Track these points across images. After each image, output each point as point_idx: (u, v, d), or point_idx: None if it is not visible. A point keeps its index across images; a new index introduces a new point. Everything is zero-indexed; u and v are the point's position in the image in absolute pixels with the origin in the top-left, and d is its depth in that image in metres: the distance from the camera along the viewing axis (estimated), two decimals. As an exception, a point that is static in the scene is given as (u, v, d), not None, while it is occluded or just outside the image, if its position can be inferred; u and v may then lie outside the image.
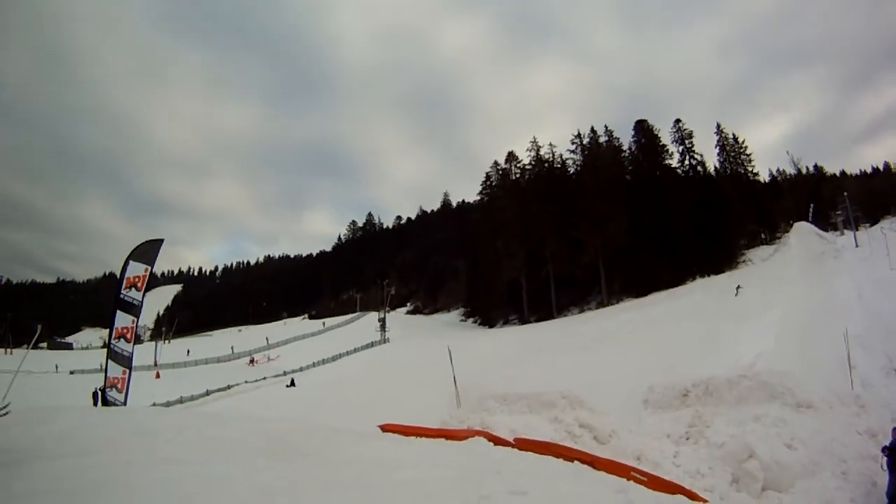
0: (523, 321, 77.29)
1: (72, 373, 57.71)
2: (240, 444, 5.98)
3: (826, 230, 75.26)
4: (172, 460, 5.04)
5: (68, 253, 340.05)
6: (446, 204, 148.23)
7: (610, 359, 31.75)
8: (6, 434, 5.40)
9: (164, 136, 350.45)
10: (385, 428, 9.30)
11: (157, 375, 57.17)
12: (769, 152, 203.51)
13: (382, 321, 77.84)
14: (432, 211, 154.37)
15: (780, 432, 10.11)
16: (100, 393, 28.86)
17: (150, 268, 14.85)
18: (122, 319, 14.58)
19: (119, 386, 15.34)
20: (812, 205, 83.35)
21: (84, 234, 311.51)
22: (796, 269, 49.52)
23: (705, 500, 5.95)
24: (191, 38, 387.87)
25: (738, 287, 46.08)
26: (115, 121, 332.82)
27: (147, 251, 14.95)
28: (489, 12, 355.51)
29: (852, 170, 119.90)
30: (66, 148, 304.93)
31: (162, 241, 15.37)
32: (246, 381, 49.57)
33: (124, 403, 15.21)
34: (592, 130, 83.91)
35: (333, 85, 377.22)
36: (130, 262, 14.64)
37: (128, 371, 15.06)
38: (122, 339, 15.00)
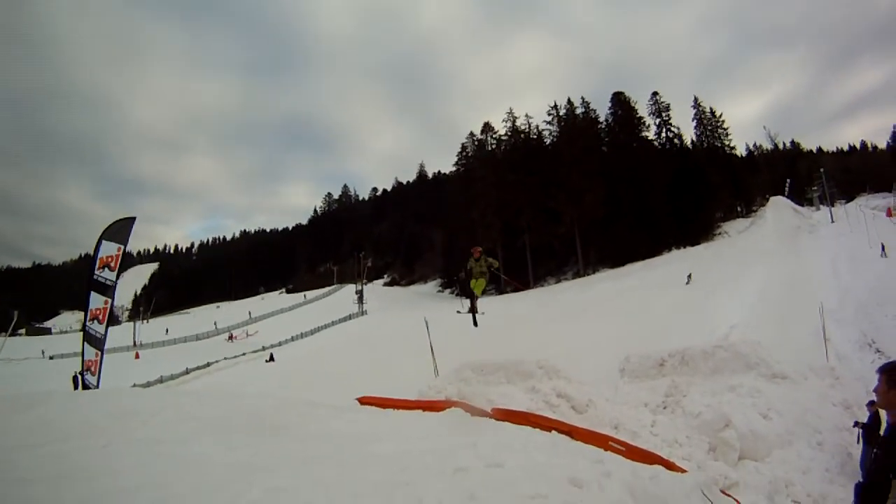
0: (500, 291, 77.71)
1: (51, 358, 57.26)
2: (217, 421, 5.97)
3: (802, 205, 76.19)
4: (150, 441, 5.00)
5: (44, 236, 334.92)
6: (422, 175, 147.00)
7: (587, 328, 32.12)
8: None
9: (139, 116, 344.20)
10: (362, 400, 9.21)
11: (137, 356, 57.23)
12: (746, 127, 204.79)
13: (360, 293, 78.05)
14: (408, 182, 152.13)
15: (756, 402, 10.19)
16: (80, 377, 28.69)
17: (122, 247, 14.37)
18: (96, 301, 14.15)
19: (93, 369, 15.09)
20: (788, 180, 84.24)
21: (60, 216, 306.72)
22: (772, 242, 50.19)
23: (683, 470, 5.92)
24: (165, 13, 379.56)
25: (689, 276, 45.00)
26: (89, 101, 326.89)
27: (119, 230, 14.46)
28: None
29: (829, 147, 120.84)
30: (39, 130, 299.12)
31: (134, 218, 14.91)
32: (225, 358, 49.56)
33: (97, 386, 14.96)
34: (569, 102, 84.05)
35: (310, 58, 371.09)
36: (103, 241, 14.16)
37: (100, 353, 14.77)
38: (95, 321, 14.67)
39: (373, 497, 3.67)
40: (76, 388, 23.57)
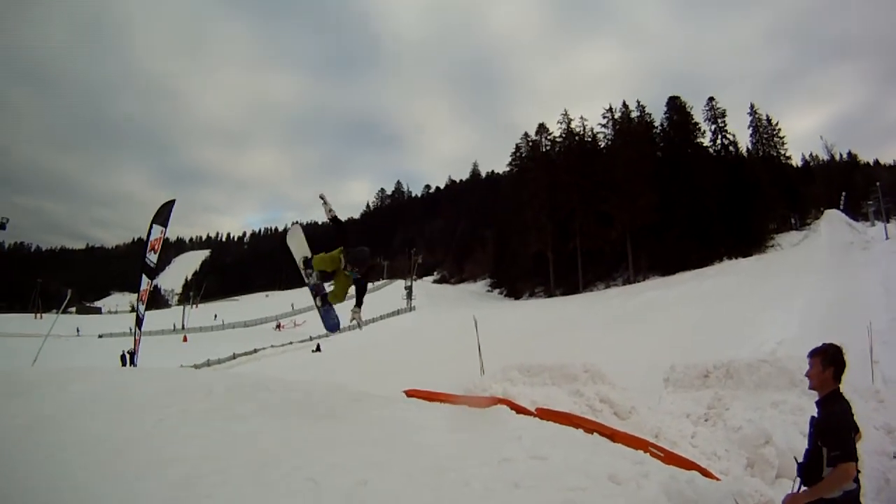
0: (549, 294, 77.37)
1: (100, 336, 58.83)
2: (269, 403, 6.22)
3: (857, 220, 73.89)
4: (204, 417, 5.28)
5: (99, 220, 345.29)
6: (476, 174, 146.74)
7: (634, 335, 31.84)
8: (39, 392, 5.63)
9: (204, 106, 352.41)
10: (409, 393, 9.40)
11: (185, 339, 58.41)
12: (803, 137, 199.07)
13: (409, 289, 78.17)
14: (462, 181, 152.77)
15: (798, 421, 10.13)
16: (128, 356, 29.77)
17: (164, 229, 15.03)
18: (144, 283, 14.80)
19: (136, 348, 15.63)
20: (844, 193, 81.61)
21: (118, 201, 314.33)
22: (824, 257, 48.85)
23: (719, 479, 6.12)
24: (235, 5, 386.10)
25: None
26: (155, 90, 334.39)
27: (162, 213, 15.09)
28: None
29: (887, 160, 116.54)
30: (104, 117, 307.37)
31: (174, 201, 15.46)
32: (272, 346, 50.29)
33: (134, 364, 15.50)
34: (624, 105, 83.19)
35: (382, 57, 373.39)
36: (153, 225, 14.81)
37: (139, 332, 15.28)
38: (140, 302, 15.26)
39: (423, 478, 3.94)
40: (123, 365, 24.45)
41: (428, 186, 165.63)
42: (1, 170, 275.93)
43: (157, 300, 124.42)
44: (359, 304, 7.69)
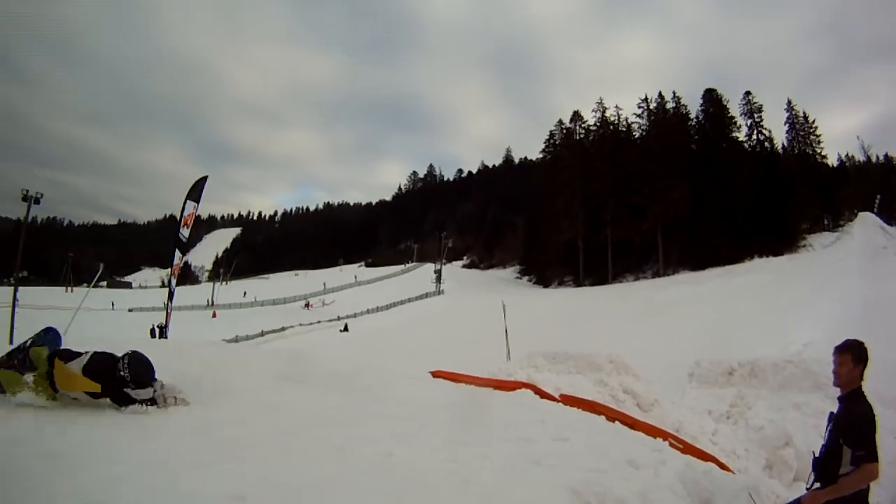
0: (578, 284, 77.06)
1: (130, 310, 59.81)
2: (298, 376, 6.46)
3: (891, 223, 72.38)
4: (234, 387, 5.53)
5: (131, 196, 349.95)
6: (508, 160, 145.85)
7: (660, 329, 31.75)
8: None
9: (240, 84, 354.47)
10: (435, 374, 9.54)
11: (214, 315, 59.10)
12: (839, 137, 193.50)
13: (438, 273, 78.10)
14: (494, 166, 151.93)
15: (819, 424, 10.11)
16: (157, 329, 30.39)
17: (197, 205, 15.47)
18: (176, 257, 15.23)
19: (167, 321, 15.98)
20: (879, 196, 79.57)
21: (150, 177, 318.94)
22: (856, 261, 47.97)
23: (734, 472, 6.25)
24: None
25: None
26: (188, 67, 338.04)
27: (196, 189, 15.50)
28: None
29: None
30: (137, 94, 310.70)
31: (206, 177, 15.90)
32: (300, 324, 50.73)
33: (165, 337, 15.80)
34: (660, 96, 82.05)
35: (420, 40, 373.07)
36: (187, 201, 15.23)
37: (170, 306, 15.61)
38: (171, 276, 15.62)
39: (445, 451, 4.10)
40: (153, 338, 25.04)
41: (460, 171, 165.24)
42: (34, 145, 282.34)
43: (187, 276, 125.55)
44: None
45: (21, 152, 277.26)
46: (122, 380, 4.47)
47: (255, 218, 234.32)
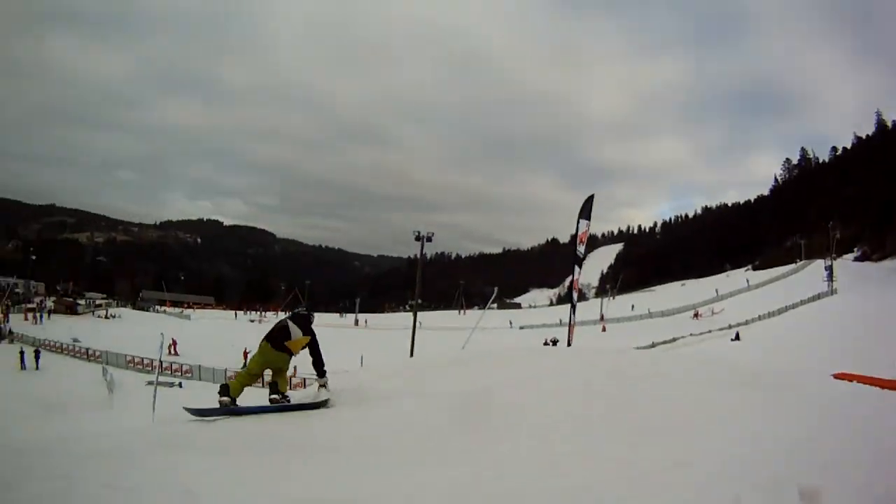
0: None
1: (521, 328, 64.23)
2: (711, 375, 6.64)
3: None
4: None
5: (513, 226, 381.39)
6: (881, 125, 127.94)
7: None
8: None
9: (593, 107, 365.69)
10: (838, 376, 8.97)
11: (604, 329, 61.11)
12: None
13: (829, 270, 69.46)
14: (867, 136, 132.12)
15: None
16: (550, 342, 33.54)
17: (588, 222, 16.42)
18: (576, 272, 16.39)
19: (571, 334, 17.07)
20: None
21: (529, 207, 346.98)
22: None
23: None
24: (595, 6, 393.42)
25: None
26: (547, 102, 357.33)
27: (586, 207, 16.48)
28: None
29: None
30: (505, 134, 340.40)
31: (593, 196, 16.89)
32: (690, 334, 50.04)
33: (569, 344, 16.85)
34: None
35: (755, 17, 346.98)
36: (580, 220, 16.23)
37: (574, 319, 16.66)
38: (573, 290, 16.91)
39: (853, 443, 3.80)
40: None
41: (834, 148, 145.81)
42: (418, 195, 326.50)
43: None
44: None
45: (409, 203, 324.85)
46: (307, 317, 7.51)
47: (635, 232, 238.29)
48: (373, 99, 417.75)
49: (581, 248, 16.34)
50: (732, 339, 45.09)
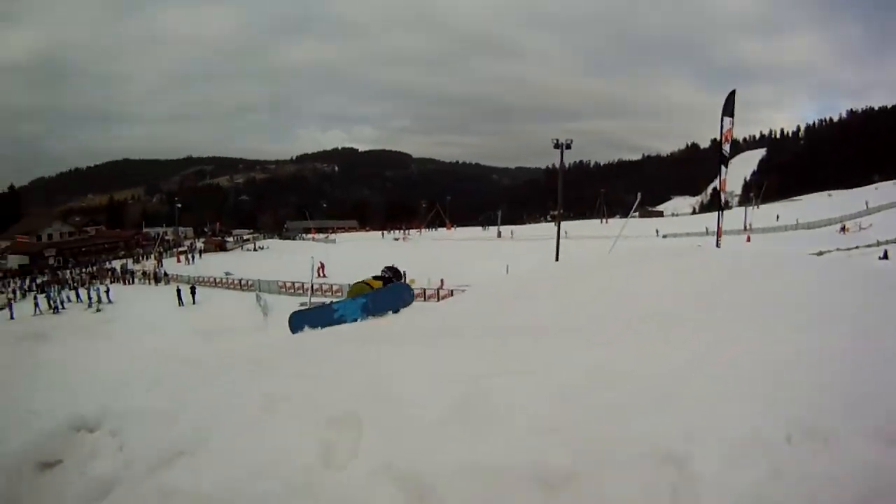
0: None
1: (664, 237, 62.85)
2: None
3: None
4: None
5: (652, 131, 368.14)
6: None
7: None
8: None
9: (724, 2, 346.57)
10: None
11: (748, 239, 58.68)
12: None
13: None
14: None
15: None
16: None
17: (732, 119, 16.01)
18: (723, 172, 16.02)
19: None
20: None
21: (666, 111, 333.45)
22: None
23: None
24: None
25: None
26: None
27: (728, 104, 16.03)
28: None
29: None
30: (639, 38, 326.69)
31: (734, 91, 16.28)
32: (837, 249, 47.44)
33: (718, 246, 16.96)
34: None
35: None
36: (723, 118, 15.82)
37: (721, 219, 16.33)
38: (721, 192, 16.64)
39: None
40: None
41: None
42: (553, 103, 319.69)
43: (715, 202, 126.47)
44: None
45: (544, 113, 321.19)
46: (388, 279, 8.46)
47: (777, 137, 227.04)
48: (497, 10, 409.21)
49: (727, 147, 16.12)
50: (881, 258, 41.99)
